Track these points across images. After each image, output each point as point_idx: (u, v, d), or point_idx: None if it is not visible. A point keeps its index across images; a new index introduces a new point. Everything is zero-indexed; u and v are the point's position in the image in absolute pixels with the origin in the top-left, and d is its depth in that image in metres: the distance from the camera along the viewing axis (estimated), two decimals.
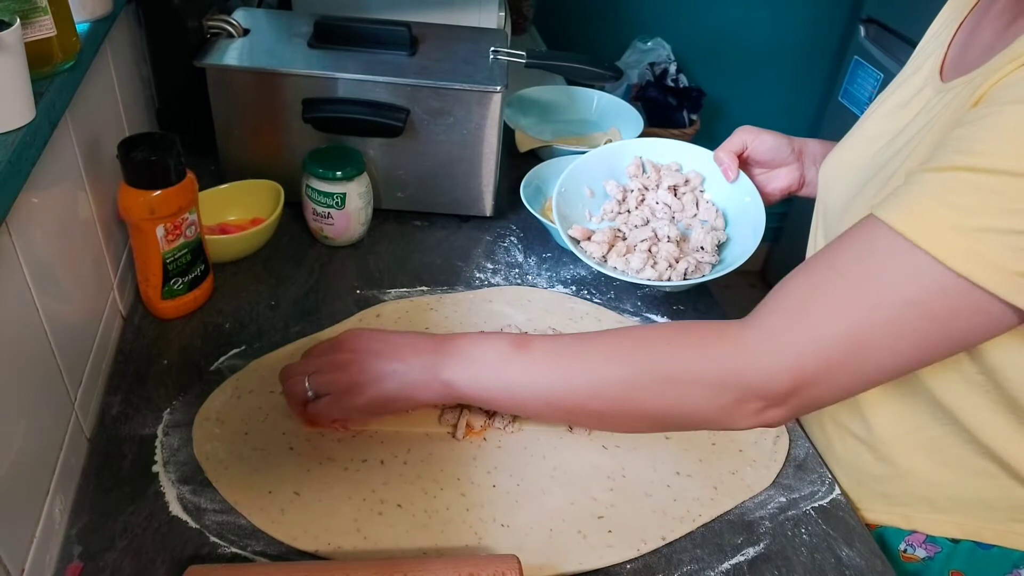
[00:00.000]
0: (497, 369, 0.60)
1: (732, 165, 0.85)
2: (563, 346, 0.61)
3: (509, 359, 0.60)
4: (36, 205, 0.57)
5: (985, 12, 0.63)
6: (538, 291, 0.87)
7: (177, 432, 0.66)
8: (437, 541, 0.60)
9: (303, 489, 0.62)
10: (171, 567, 0.56)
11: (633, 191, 0.91)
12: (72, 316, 0.64)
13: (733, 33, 2.20)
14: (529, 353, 0.60)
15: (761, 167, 0.87)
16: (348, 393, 0.62)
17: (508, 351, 0.60)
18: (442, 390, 0.61)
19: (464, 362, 0.60)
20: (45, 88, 0.56)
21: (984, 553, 0.67)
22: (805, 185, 0.86)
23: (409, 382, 0.61)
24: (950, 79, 0.62)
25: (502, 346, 0.60)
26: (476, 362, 0.60)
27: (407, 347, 0.62)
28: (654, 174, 0.92)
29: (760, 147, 0.85)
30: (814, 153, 0.85)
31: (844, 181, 0.70)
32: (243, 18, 0.97)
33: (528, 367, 0.59)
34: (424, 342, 0.63)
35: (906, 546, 0.70)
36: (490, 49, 0.95)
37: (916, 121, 0.64)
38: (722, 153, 0.85)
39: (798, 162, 0.85)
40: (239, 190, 0.90)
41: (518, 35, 1.78)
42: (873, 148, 0.68)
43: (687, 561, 0.61)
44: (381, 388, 0.61)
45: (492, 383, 0.60)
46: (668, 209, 0.88)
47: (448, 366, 0.60)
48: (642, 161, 0.92)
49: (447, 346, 0.62)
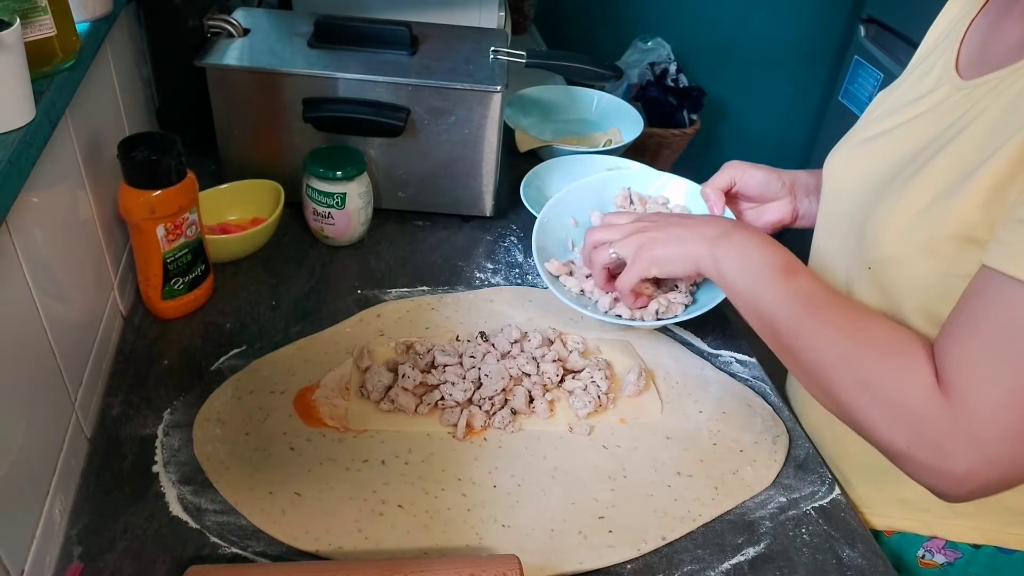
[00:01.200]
0: (759, 277, 0.65)
1: (718, 202, 0.84)
2: (815, 295, 0.62)
3: (774, 276, 0.64)
4: (36, 205, 0.57)
5: (1007, 10, 0.62)
6: (538, 291, 0.87)
7: (177, 432, 0.66)
8: (438, 541, 0.60)
9: (304, 489, 0.62)
10: (171, 568, 0.56)
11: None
12: (72, 316, 0.64)
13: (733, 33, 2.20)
14: (790, 282, 0.63)
15: (751, 202, 0.86)
16: (644, 248, 0.72)
17: (777, 269, 0.64)
18: (712, 264, 0.68)
19: (738, 253, 0.67)
20: (45, 88, 0.56)
21: (1006, 558, 0.67)
22: (800, 218, 0.85)
23: (692, 248, 0.70)
24: (971, 76, 0.62)
25: (774, 261, 0.65)
26: (747, 259, 0.66)
27: (700, 220, 0.73)
28: (640, 206, 0.91)
29: (749, 182, 0.84)
30: (806, 184, 0.84)
31: (857, 186, 0.68)
32: (243, 18, 0.97)
33: (781, 292, 0.63)
34: (715, 221, 0.72)
35: (924, 552, 0.69)
36: (490, 49, 0.95)
37: (934, 118, 0.63)
38: (709, 189, 0.84)
39: (790, 195, 0.84)
40: (239, 190, 0.90)
41: (518, 35, 1.78)
42: (884, 149, 0.67)
43: (688, 561, 0.61)
44: (671, 246, 0.71)
45: (748, 286, 0.66)
46: None
47: (724, 248, 0.68)
48: (629, 192, 0.92)
49: (733, 231, 0.69)
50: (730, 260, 0.67)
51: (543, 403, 0.71)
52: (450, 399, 0.70)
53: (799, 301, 0.62)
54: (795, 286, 0.63)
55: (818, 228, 0.77)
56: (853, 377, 0.56)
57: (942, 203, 0.56)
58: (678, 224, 0.72)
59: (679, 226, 0.72)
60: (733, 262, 0.67)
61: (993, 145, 0.54)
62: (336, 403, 0.70)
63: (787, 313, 0.62)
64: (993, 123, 0.56)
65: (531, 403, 0.72)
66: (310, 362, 0.74)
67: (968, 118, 0.59)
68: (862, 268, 0.65)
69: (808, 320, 0.60)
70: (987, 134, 0.56)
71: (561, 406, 0.72)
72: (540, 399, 0.72)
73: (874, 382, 0.55)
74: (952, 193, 0.56)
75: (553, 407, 0.72)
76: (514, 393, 0.71)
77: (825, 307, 0.61)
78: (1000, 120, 0.55)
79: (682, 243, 0.70)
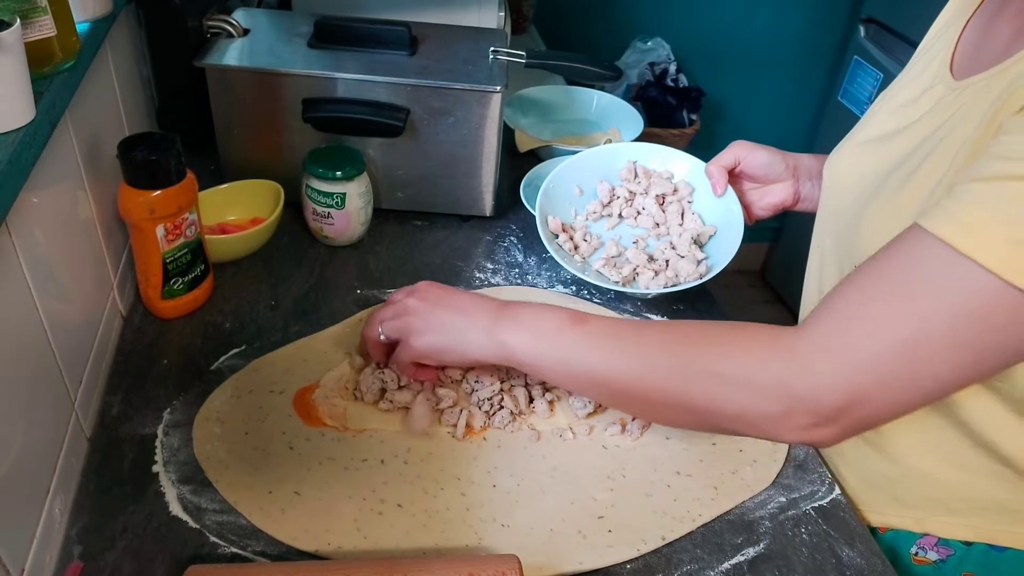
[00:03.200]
0: (552, 339, 0.61)
1: (721, 180, 0.85)
2: (618, 327, 0.61)
3: (565, 331, 0.61)
4: (36, 205, 0.57)
5: (999, 11, 0.62)
6: (538, 291, 0.87)
7: (177, 432, 0.66)
8: (437, 541, 0.60)
9: (303, 489, 0.62)
10: (171, 567, 0.56)
11: (619, 198, 0.91)
12: (72, 316, 0.64)
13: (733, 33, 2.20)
14: (585, 328, 0.61)
15: (754, 182, 0.88)
16: (411, 335, 0.66)
17: (565, 324, 0.61)
18: (497, 351, 0.63)
19: (522, 328, 0.63)
20: (45, 88, 0.56)
21: (998, 555, 0.67)
22: (801, 200, 0.86)
23: (468, 337, 0.64)
24: (963, 76, 0.62)
25: (560, 318, 0.62)
26: (534, 330, 0.62)
27: (473, 305, 0.66)
28: (645, 180, 0.92)
29: (753, 162, 0.85)
30: (809, 168, 0.85)
31: (855, 184, 0.69)
32: (243, 18, 0.97)
33: (581, 342, 0.60)
34: (488, 303, 0.66)
35: (917, 549, 0.70)
36: (490, 49, 0.95)
37: (929, 118, 0.63)
38: (713, 167, 0.85)
39: (793, 178, 0.85)
40: (239, 190, 0.90)
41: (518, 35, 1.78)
42: (882, 148, 0.68)
43: (687, 561, 0.61)
44: (440, 337, 0.66)
45: (546, 352, 0.62)
46: (651, 218, 0.89)
47: (507, 329, 0.63)
48: (635, 166, 0.93)
49: (508, 310, 0.65)
50: (516, 339, 0.62)
51: (543, 403, 0.71)
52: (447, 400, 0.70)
53: (606, 341, 0.60)
54: (592, 329, 0.61)
55: (817, 225, 0.78)
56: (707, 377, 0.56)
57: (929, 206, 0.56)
58: (447, 309, 0.66)
59: (449, 312, 0.66)
60: (521, 340, 0.62)
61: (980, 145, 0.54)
62: (335, 402, 0.70)
63: (601, 358, 0.60)
64: (977, 123, 0.56)
65: (531, 403, 0.72)
66: (309, 362, 0.74)
67: (957, 119, 0.59)
68: (853, 267, 0.66)
69: (624, 352, 0.59)
70: (972, 135, 0.56)
71: (561, 406, 0.72)
72: (540, 399, 0.72)
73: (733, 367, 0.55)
74: (937, 196, 0.56)
75: (553, 407, 0.72)
76: (514, 393, 0.71)
77: (633, 336, 0.60)
78: (983, 119, 0.56)
79: (453, 333, 0.65)
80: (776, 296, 2.48)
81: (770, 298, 2.49)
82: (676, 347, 0.58)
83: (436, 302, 0.67)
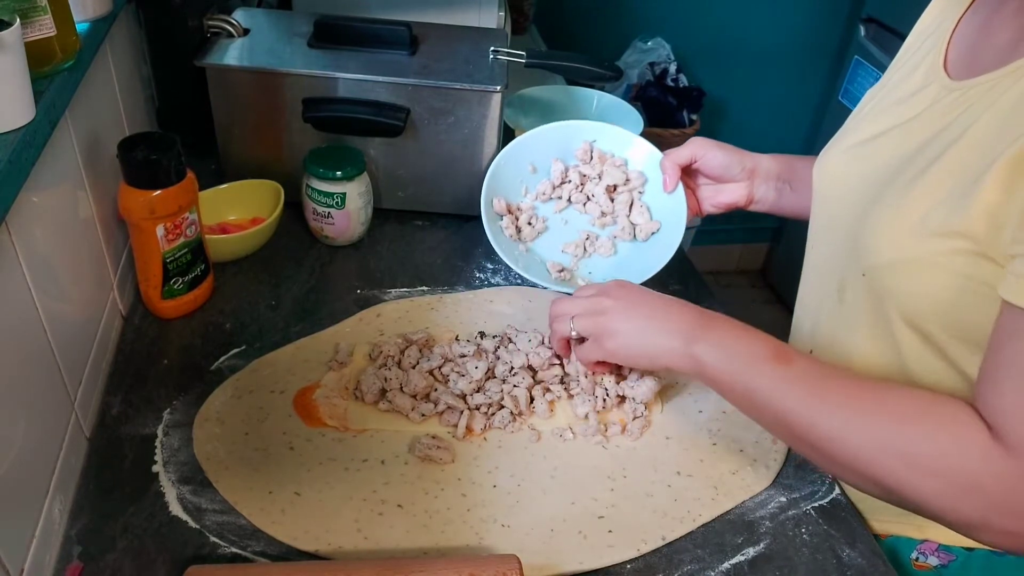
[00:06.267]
0: (749, 369, 0.60)
1: (673, 176, 0.84)
2: (819, 377, 0.58)
3: (764, 365, 0.59)
4: (36, 205, 0.57)
5: (996, 10, 0.62)
6: (538, 291, 0.87)
7: (177, 432, 0.66)
8: (438, 541, 0.60)
9: (303, 489, 0.62)
10: (171, 567, 0.56)
11: (570, 181, 0.90)
12: (72, 316, 0.64)
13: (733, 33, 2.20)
14: (787, 368, 0.58)
15: (709, 180, 0.87)
16: (604, 336, 0.66)
17: (767, 357, 0.59)
18: (688, 362, 0.62)
19: (720, 348, 0.61)
20: (45, 88, 0.56)
21: (1000, 560, 0.67)
22: (754, 202, 0.86)
23: (661, 344, 0.63)
24: (961, 76, 0.61)
25: (762, 350, 0.60)
26: (732, 353, 0.61)
27: (670, 311, 0.65)
28: (599, 164, 0.91)
29: (711, 162, 0.84)
30: (767, 170, 0.85)
31: (851, 188, 0.68)
32: (243, 18, 0.97)
33: (779, 382, 0.58)
34: (687, 312, 0.64)
35: (918, 555, 0.69)
36: (490, 49, 0.95)
37: (927, 118, 0.62)
38: (667, 162, 0.85)
39: (748, 180, 0.85)
40: (239, 190, 0.90)
41: (518, 35, 1.78)
42: (875, 149, 0.67)
43: (688, 561, 0.61)
44: (634, 340, 0.65)
45: (739, 379, 0.60)
46: (598, 207, 0.89)
47: (704, 344, 0.61)
48: (592, 147, 0.91)
49: (709, 324, 0.63)
50: (711, 356, 0.61)
51: (543, 403, 0.71)
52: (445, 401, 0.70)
53: (803, 388, 0.57)
54: (793, 373, 0.58)
55: (811, 232, 0.76)
56: (896, 456, 0.52)
57: (942, 210, 0.56)
58: (644, 313, 0.65)
59: (646, 316, 0.65)
60: (716, 358, 0.61)
61: (995, 152, 0.53)
62: (336, 403, 0.70)
63: (793, 405, 0.57)
64: (994, 128, 0.55)
65: (531, 403, 0.72)
66: (310, 362, 0.74)
67: (965, 121, 0.58)
68: (856, 274, 0.65)
69: (821, 407, 0.56)
70: (988, 140, 0.55)
71: (561, 406, 0.72)
72: (540, 399, 0.72)
73: (922, 454, 0.52)
74: (953, 201, 0.55)
75: (553, 407, 0.72)
76: (514, 394, 0.71)
77: (834, 389, 0.57)
78: (1001, 125, 0.55)
79: (649, 337, 0.64)
80: (776, 296, 2.48)
81: (770, 298, 2.49)
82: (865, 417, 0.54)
83: (632, 304, 0.66)
